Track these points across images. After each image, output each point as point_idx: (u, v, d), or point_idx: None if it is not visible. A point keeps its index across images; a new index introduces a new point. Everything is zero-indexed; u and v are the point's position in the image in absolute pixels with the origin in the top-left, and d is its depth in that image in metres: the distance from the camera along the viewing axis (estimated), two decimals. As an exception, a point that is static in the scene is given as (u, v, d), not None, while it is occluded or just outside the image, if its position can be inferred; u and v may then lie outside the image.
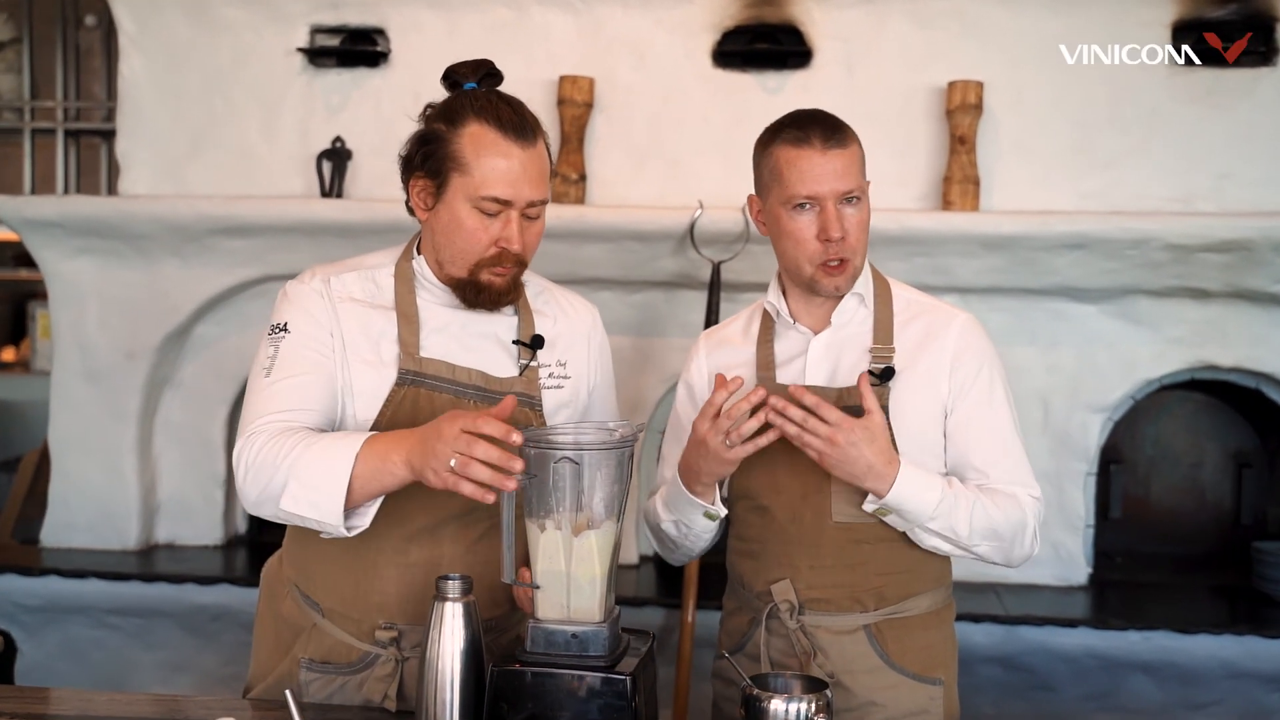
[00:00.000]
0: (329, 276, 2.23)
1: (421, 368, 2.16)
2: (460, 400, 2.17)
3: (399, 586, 2.19)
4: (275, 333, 2.18)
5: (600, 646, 1.98)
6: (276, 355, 2.15)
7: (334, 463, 1.96)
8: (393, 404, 2.15)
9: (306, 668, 2.23)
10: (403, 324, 2.19)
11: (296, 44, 4.14)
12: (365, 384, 2.16)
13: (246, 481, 2.03)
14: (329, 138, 4.13)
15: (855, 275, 2.27)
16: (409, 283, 2.23)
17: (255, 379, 2.15)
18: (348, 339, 2.17)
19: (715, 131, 3.99)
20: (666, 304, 4.05)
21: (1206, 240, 3.62)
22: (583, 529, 1.98)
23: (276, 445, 2.00)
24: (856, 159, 2.23)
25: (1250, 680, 3.63)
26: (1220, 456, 4.40)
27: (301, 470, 1.97)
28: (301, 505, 1.98)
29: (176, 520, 4.36)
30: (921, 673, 2.28)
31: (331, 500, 1.96)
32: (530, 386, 2.24)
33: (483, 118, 2.10)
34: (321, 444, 1.99)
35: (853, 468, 2.11)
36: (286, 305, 2.21)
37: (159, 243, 4.08)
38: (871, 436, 2.10)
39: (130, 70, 4.24)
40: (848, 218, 2.21)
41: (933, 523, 2.16)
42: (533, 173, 2.12)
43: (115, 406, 4.23)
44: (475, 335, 2.23)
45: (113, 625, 4.10)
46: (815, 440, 2.08)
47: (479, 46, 3.90)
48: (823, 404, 2.09)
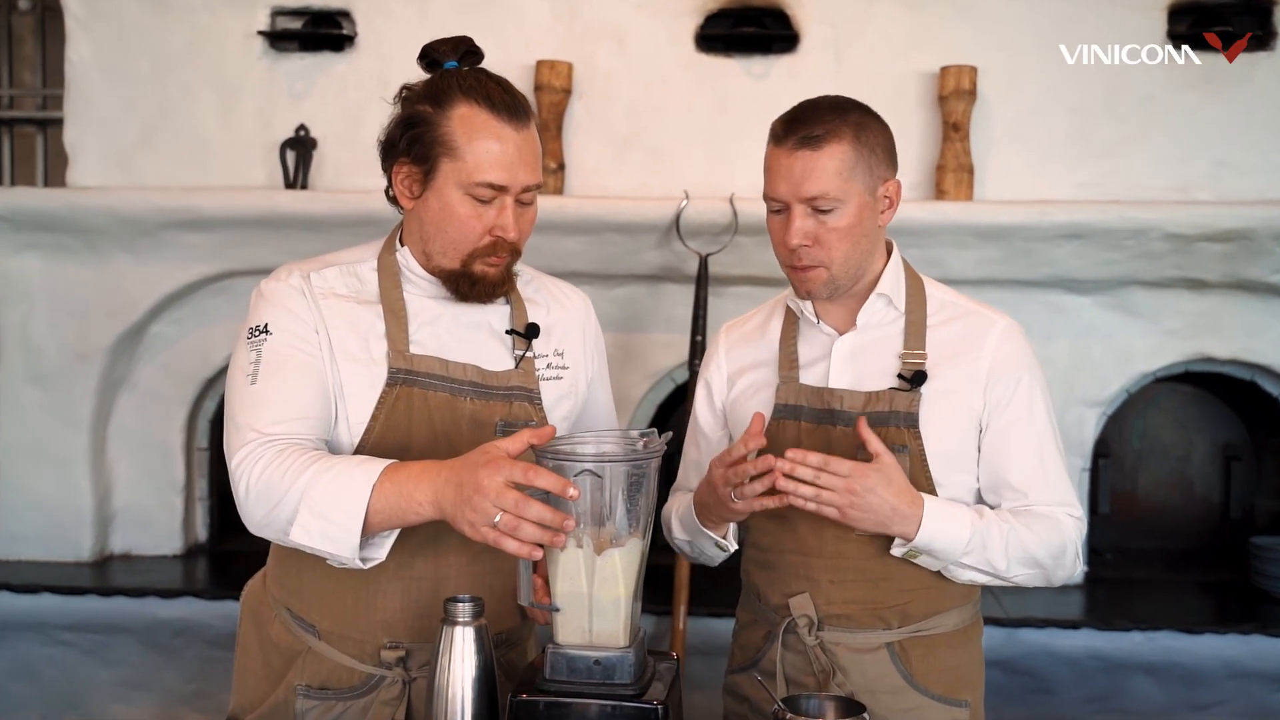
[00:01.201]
0: (308, 273, 2.09)
1: (413, 365, 2.04)
2: (457, 399, 2.05)
3: (403, 602, 2.06)
4: (255, 335, 2.02)
5: (626, 673, 1.84)
6: (260, 359, 2.00)
7: (350, 493, 1.83)
8: (385, 405, 2.02)
9: (303, 695, 2.09)
10: (390, 320, 2.06)
11: (256, 27, 3.99)
12: (356, 384, 2.03)
13: (249, 502, 1.89)
14: (292, 126, 3.98)
15: (834, 282, 2.11)
16: (394, 276, 2.10)
17: (238, 386, 2.00)
18: (334, 336, 2.03)
19: (699, 119, 3.88)
20: (650, 298, 3.93)
21: (1206, 230, 3.57)
22: (606, 547, 1.84)
23: (283, 466, 1.86)
24: (834, 162, 2.04)
25: (1254, 680, 3.57)
26: (1209, 449, 4.37)
27: (314, 499, 1.84)
28: (314, 538, 1.85)
29: (133, 529, 4.22)
30: (946, 694, 2.16)
31: (347, 534, 1.84)
32: (528, 379, 2.12)
33: (472, 98, 1.97)
34: (335, 470, 1.85)
35: (876, 515, 1.97)
36: (264, 305, 2.06)
37: (111, 237, 3.92)
38: (887, 479, 1.97)
39: (78, 55, 4.07)
40: (819, 224, 2.06)
41: (967, 558, 2.04)
42: (527, 156, 2.00)
43: (66, 411, 4.07)
44: (467, 327, 2.11)
45: (67, 642, 3.93)
46: (832, 496, 1.94)
47: (451, 30, 3.64)
48: (831, 459, 1.95)
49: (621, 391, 3.91)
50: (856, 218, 2.07)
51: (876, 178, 2.09)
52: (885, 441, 2.08)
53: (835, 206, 2.05)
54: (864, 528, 2.01)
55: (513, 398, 2.09)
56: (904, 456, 2.09)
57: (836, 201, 2.05)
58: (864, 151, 2.07)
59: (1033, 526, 2.07)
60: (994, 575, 2.08)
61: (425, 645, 2.01)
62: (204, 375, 4.13)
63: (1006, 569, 2.06)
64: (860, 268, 2.14)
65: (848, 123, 2.07)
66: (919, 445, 2.09)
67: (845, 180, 2.05)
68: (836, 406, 2.14)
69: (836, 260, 2.08)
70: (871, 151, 2.08)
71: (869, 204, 2.09)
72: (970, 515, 2.04)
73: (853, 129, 2.06)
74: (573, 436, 1.95)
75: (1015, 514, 2.09)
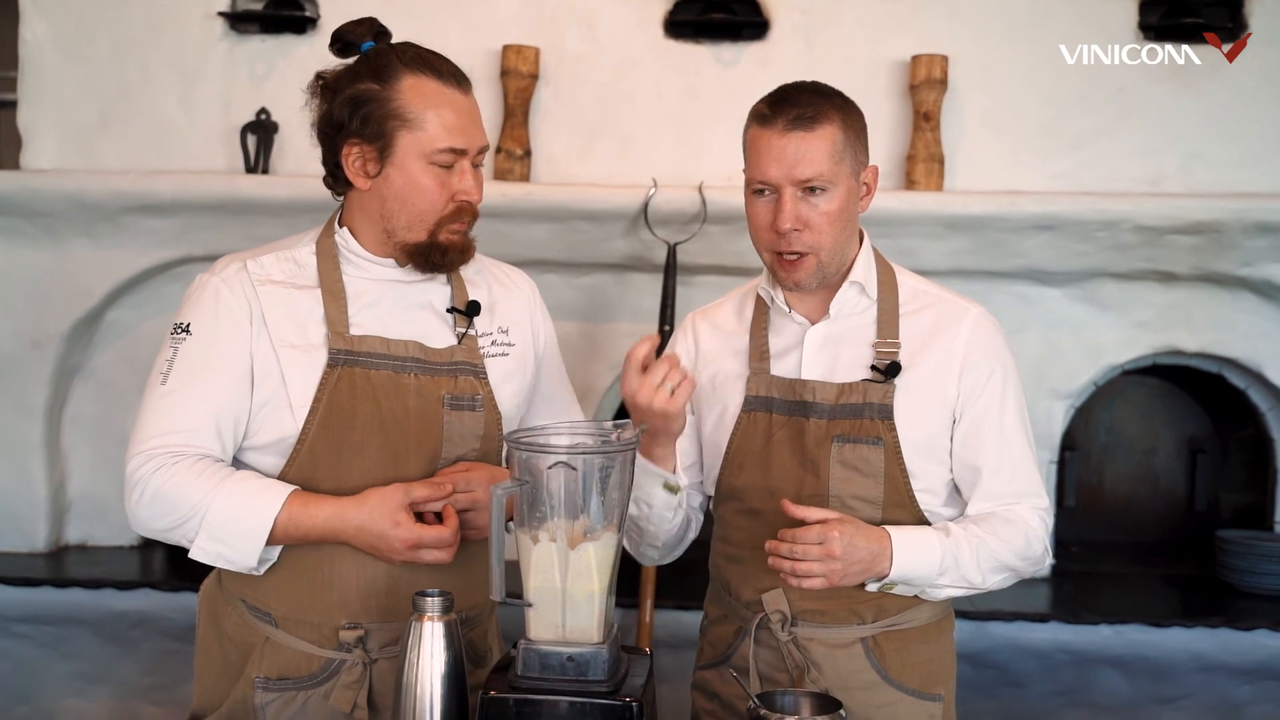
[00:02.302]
0: (245, 261, 2.10)
1: (353, 345, 2.04)
2: (400, 375, 2.04)
3: (359, 581, 2.05)
4: (176, 333, 2.05)
5: (600, 670, 1.81)
6: (175, 360, 2.02)
7: (250, 522, 1.95)
8: (327, 387, 2.02)
9: (262, 688, 2.06)
10: (329, 302, 2.06)
11: (217, 8, 3.90)
12: (296, 368, 2.03)
13: (139, 507, 1.98)
14: (253, 109, 3.89)
15: (822, 270, 2.09)
16: (333, 259, 2.10)
17: (151, 385, 2.03)
18: (271, 324, 2.04)
19: (668, 106, 3.83)
20: (617, 288, 3.89)
21: (1177, 222, 3.57)
22: (579, 541, 1.81)
23: (178, 479, 1.95)
24: (827, 144, 2.02)
25: (1220, 673, 3.58)
26: (1174, 443, 4.38)
27: (213, 523, 1.95)
28: (212, 558, 1.99)
29: (89, 520, 4.14)
30: (920, 689, 2.15)
31: (246, 557, 1.98)
32: (471, 355, 2.13)
33: (416, 68, 2.02)
34: (236, 497, 1.96)
35: (859, 566, 1.98)
36: (190, 303, 2.08)
37: (67, 221, 3.83)
38: (854, 526, 1.98)
39: (32, 35, 3.96)
40: (810, 208, 2.03)
41: (942, 578, 2.04)
42: (476, 118, 2.07)
43: (19, 399, 3.98)
44: (409, 308, 2.12)
45: (21, 634, 3.85)
46: (814, 566, 1.94)
47: (415, 13, 3.72)
48: (798, 533, 1.95)
49: (588, 381, 3.88)
50: (844, 202, 2.05)
51: (860, 163, 2.09)
52: (859, 434, 2.06)
53: (827, 188, 2.03)
54: (849, 584, 2.00)
55: (458, 372, 2.09)
56: (878, 448, 2.06)
57: (829, 183, 2.02)
58: (850, 135, 2.06)
59: (999, 532, 2.07)
60: (971, 588, 2.08)
61: (384, 624, 2.03)
62: (162, 363, 4.04)
63: (982, 581, 2.07)
64: (843, 255, 2.11)
65: (835, 106, 2.06)
66: (894, 437, 2.07)
67: (836, 162, 2.03)
68: (809, 398, 2.11)
69: (826, 246, 2.06)
70: (857, 135, 2.08)
71: (854, 189, 2.08)
72: (937, 537, 2.04)
73: (840, 112, 2.05)
74: (546, 428, 1.93)
75: (979, 521, 2.09)
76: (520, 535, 1.83)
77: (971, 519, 2.09)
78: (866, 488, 2.08)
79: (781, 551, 1.97)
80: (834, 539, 1.93)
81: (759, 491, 2.14)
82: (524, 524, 1.82)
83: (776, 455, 2.12)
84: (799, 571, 1.95)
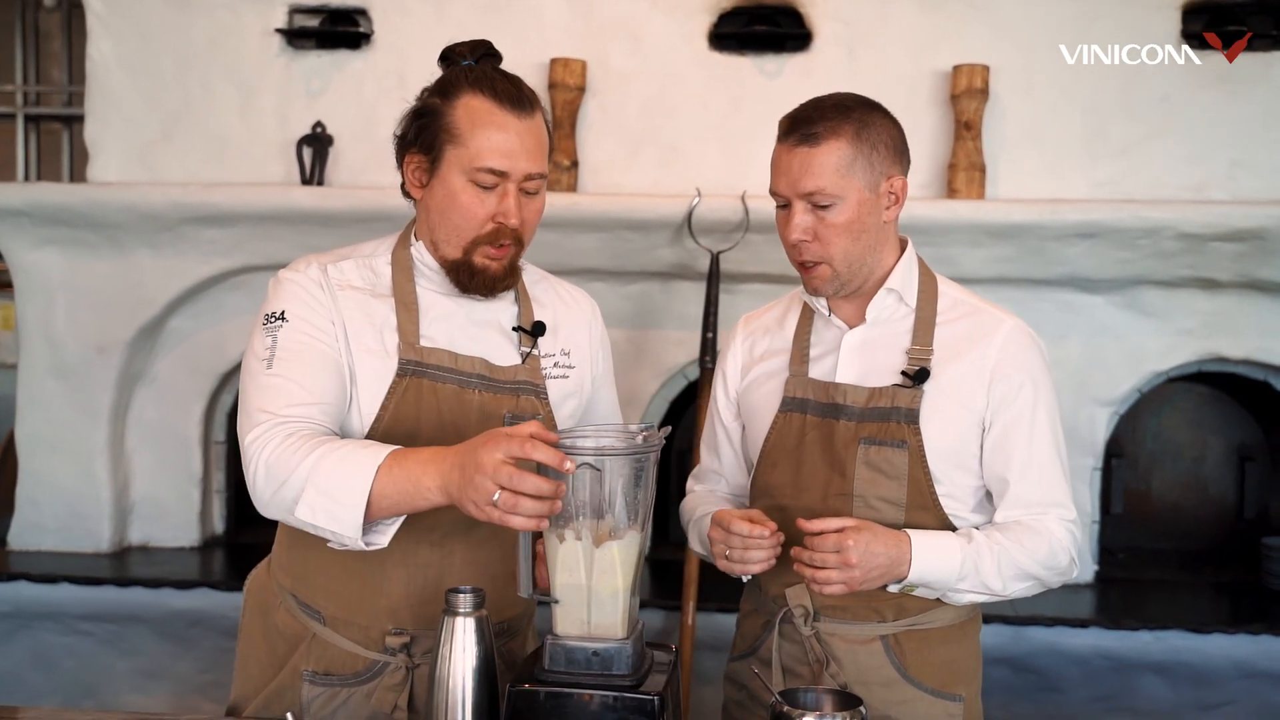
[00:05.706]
0: (325, 265, 2.12)
1: (422, 357, 2.06)
2: (465, 390, 2.07)
3: (408, 589, 2.08)
4: (271, 322, 2.05)
5: (624, 665, 1.85)
6: (276, 345, 2.02)
7: (354, 473, 1.84)
8: (395, 395, 2.05)
9: (310, 681, 2.11)
10: (402, 312, 2.09)
11: (274, 24, 4.01)
12: (369, 373, 2.05)
13: (259, 481, 1.91)
14: (309, 123, 4.00)
15: (838, 279, 2.12)
16: (407, 270, 2.13)
17: (254, 372, 2.02)
18: (350, 327, 2.06)
19: (712, 116, 3.88)
20: (663, 295, 3.94)
21: (1220, 229, 3.55)
22: (604, 539, 1.86)
23: (293, 447, 1.88)
24: (832, 159, 2.05)
25: (1263, 680, 3.56)
26: (1223, 450, 4.35)
27: (321, 478, 1.85)
28: (318, 516, 1.86)
29: (151, 521, 4.24)
30: (940, 688, 2.17)
31: (350, 512, 1.85)
32: (534, 374, 2.15)
33: (477, 89, 2.02)
34: (342, 451, 1.87)
35: (877, 571, 2.01)
36: (281, 293, 2.08)
37: (131, 232, 3.95)
38: (871, 533, 2.00)
39: (99, 52, 4.09)
40: (818, 220, 2.07)
41: (962, 583, 2.07)
42: (530, 144, 2.03)
43: (86, 403, 4.10)
44: (478, 324, 2.14)
45: (85, 632, 3.96)
46: (832, 574, 1.99)
47: (467, 28, 3.78)
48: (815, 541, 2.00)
49: (634, 388, 3.94)
50: (856, 214, 2.08)
51: (879, 174, 2.10)
52: (885, 436, 2.10)
53: (833, 202, 2.07)
54: (870, 587, 2.03)
55: (520, 391, 2.12)
56: (902, 451, 2.10)
57: (834, 197, 2.06)
58: (864, 148, 2.07)
59: (1022, 541, 2.09)
60: (992, 595, 2.10)
61: (429, 632, 2.02)
62: (221, 369, 4.15)
63: (1003, 588, 2.09)
64: (866, 264, 2.14)
65: (849, 120, 2.08)
66: (918, 441, 2.10)
67: (843, 177, 2.06)
68: (840, 401, 2.15)
69: (836, 256, 2.10)
70: (873, 148, 2.08)
71: (870, 200, 2.10)
72: (958, 542, 2.06)
73: (854, 126, 2.07)
74: (573, 430, 1.97)
75: (1003, 529, 2.11)
76: (547, 534, 1.87)
77: (997, 527, 2.12)
78: (890, 489, 2.11)
79: (803, 559, 2.02)
80: (849, 548, 1.96)
81: (788, 489, 2.18)
82: (551, 523, 1.85)
83: (807, 454, 2.16)
84: (819, 579, 2.00)
